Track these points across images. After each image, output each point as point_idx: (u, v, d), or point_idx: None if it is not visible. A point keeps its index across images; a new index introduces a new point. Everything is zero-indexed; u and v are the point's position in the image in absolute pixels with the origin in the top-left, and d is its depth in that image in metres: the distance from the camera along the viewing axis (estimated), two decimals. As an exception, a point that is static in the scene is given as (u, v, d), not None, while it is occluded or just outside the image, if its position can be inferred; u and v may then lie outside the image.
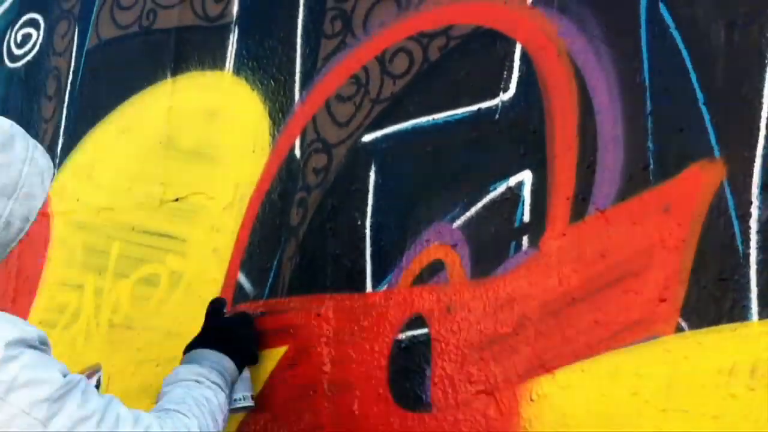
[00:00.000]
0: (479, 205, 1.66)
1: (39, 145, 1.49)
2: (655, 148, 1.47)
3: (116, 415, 1.41)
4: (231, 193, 2.06)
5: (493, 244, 1.62)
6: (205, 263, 2.05)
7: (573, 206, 1.54)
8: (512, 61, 1.67)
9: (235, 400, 1.78)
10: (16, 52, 2.72)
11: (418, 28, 1.81)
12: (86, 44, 2.50)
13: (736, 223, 1.36)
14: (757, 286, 1.33)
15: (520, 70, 1.66)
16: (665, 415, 1.38)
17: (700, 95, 1.43)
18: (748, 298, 1.33)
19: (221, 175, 2.08)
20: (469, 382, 1.59)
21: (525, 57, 1.65)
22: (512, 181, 1.62)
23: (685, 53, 1.46)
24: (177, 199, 2.17)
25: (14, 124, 1.47)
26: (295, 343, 1.86)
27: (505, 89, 1.67)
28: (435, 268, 1.69)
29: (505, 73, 1.67)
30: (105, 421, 1.38)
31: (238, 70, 2.12)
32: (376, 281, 1.77)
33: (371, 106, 1.85)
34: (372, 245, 1.79)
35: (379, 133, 1.84)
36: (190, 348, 1.77)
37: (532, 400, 1.52)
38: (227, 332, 1.81)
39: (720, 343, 1.35)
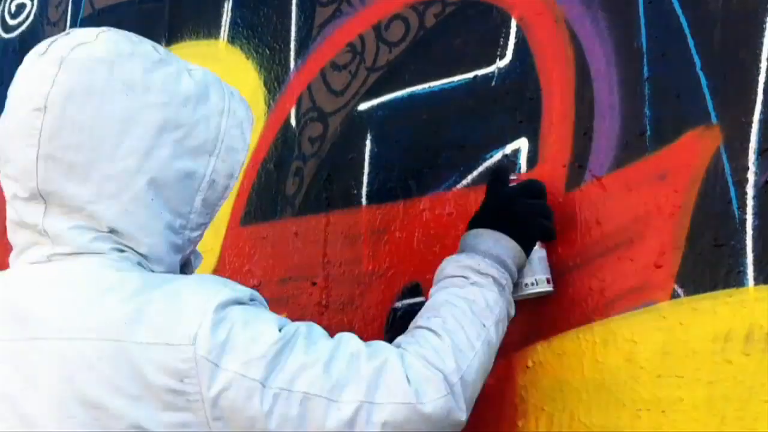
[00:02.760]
0: (475, 173, 1.65)
1: (236, 92, 1.37)
2: (652, 115, 1.46)
3: (347, 354, 1.22)
4: (227, 163, 2.06)
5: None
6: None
7: (569, 174, 1.54)
8: (509, 28, 1.66)
9: (526, 285, 1.47)
10: (10, 22, 2.70)
11: (414, -4, 1.80)
12: (80, 14, 2.48)
13: (732, 189, 1.36)
14: (753, 252, 1.33)
15: (516, 38, 1.65)
16: (660, 381, 1.38)
17: (697, 61, 1.42)
18: (744, 264, 1.33)
19: (217, 144, 2.08)
20: (465, 350, 1.59)
21: (522, 24, 1.64)
22: (509, 148, 1.62)
23: (682, 18, 1.45)
24: (172, 170, 2.16)
25: (208, 71, 1.34)
26: (291, 313, 1.86)
27: (502, 56, 1.66)
28: (431, 237, 1.69)
29: (502, 40, 1.66)
30: (335, 363, 1.21)
31: (232, 39, 2.11)
32: (372, 250, 1.77)
33: (367, 75, 1.84)
34: (368, 214, 1.79)
35: (375, 102, 1.83)
36: (470, 227, 1.48)
37: (527, 367, 1.53)
38: (508, 205, 1.47)
39: (715, 309, 1.35)
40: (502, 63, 1.65)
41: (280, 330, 1.21)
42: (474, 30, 1.69)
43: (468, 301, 1.36)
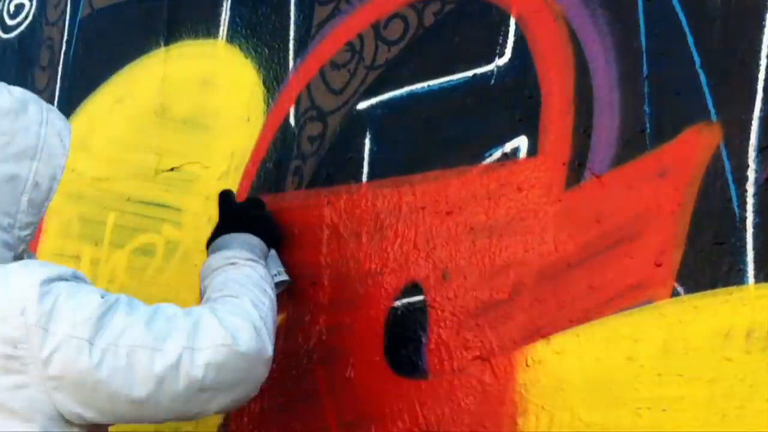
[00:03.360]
0: (475, 171, 1.65)
1: (53, 108, 1.53)
2: (651, 112, 1.46)
3: (165, 315, 1.42)
4: (226, 162, 2.06)
5: (488, 211, 1.61)
6: (200, 232, 2.04)
7: (569, 171, 1.53)
8: (508, 26, 1.65)
9: (274, 276, 1.75)
10: (9, 22, 2.70)
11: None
12: (79, 14, 2.48)
13: (732, 186, 1.35)
14: (754, 249, 1.32)
15: (515, 36, 1.64)
16: (661, 380, 1.38)
17: (697, 58, 1.42)
18: (744, 262, 1.33)
19: (216, 144, 2.08)
20: (464, 349, 1.59)
21: (521, 22, 1.64)
22: (508, 147, 1.61)
23: (681, 16, 1.44)
24: (172, 169, 2.16)
25: (25, 90, 1.51)
26: (291, 312, 1.86)
27: (501, 55, 1.65)
28: (431, 235, 1.68)
29: (501, 38, 1.66)
30: (154, 322, 1.40)
31: (231, 38, 2.10)
32: (372, 249, 1.76)
33: (366, 73, 1.84)
34: (367, 213, 1.79)
35: (374, 100, 1.82)
36: (212, 240, 1.75)
37: (527, 365, 1.52)
38: (244, 214, 1.80)
39: (716, 306, 1.34)
40: (501, 61, 1.65)
41: (102, 297, 1.39)
42: (473, 28, 1.69)
43: (246, 276, 1.61)
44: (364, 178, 1.80)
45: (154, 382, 1.37)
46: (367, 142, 1.81)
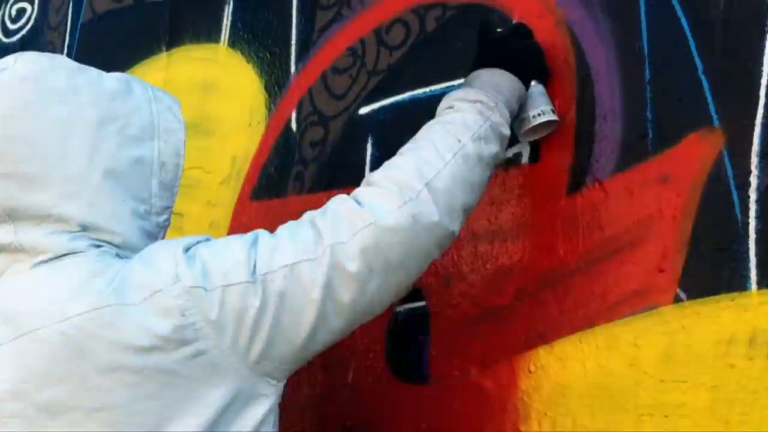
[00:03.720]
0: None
1: (154, 86, 1.47)
2: (653, 118, 1.46)
3: (305, 222, 1.32)
4: (228, 167, 2.06)
5: (490, 216, 1.61)
6: (202, 238, 2.04)
7: (571, 177, 1.53)
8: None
9: (534, 117, 1.51)
10: (11, 27, 2.70)
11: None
12: (81, 18, 2.48)
13: (735, 192, 1.35)
14: (756, 255, 1.32)
15: (517, 41, 1.64)
16: (664, 386, 1.37)
17: (699, 64, 1.42)
18: (746, 268, 1.32)
19: (218, 148, 2.08)
20: (466, 355, 1.59)
21: (523, 27, 1.63)
22: (510, 152, 1.61)
23: (684, 21, 1.44)
24: (173, 174, 2.15)
25: (123, 73, 1.46)
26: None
27: (503, 60, 1.65)
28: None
29: (503, 43, 1.65)
30: (299, 234, 1.30)
31: (233, 43, 2.11)
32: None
33: (367, 78, 1.84)
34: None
35: (375, 105, 1.82)
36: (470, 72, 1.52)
37: (530, 372, 1.52)
38: (503, 45, 1.52)
39: (718, 313, 1.34)
40: (503, 66, 1.64)
41: (241, 239, 1.31)
42: (475, 33, 1.69)
43: (443, 123, 1.41)
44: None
45: (323, 292, 1.27)
46: (369, 147, 1.81)
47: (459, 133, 1.38)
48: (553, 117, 1.52)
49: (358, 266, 1.28)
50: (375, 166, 1.78)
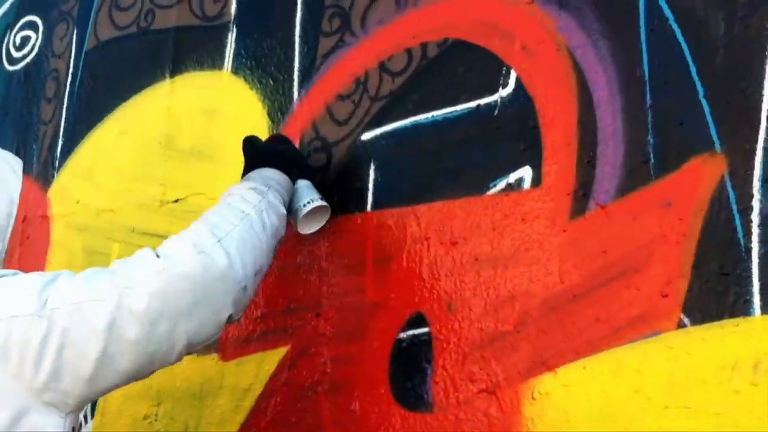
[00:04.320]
0: (480, 202, 1.64)
1: None
2: (655, 142, 1.46)
3: (106, 270, 1.41)
4: (231, 193, 2.05)
5: (493, 241, 1.60)
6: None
7: (573, 202, 1.53)
8: (511, 57, 1.65)
9: (304, 206, 1.70)
10: (15, 54, 2.72)
11: (417, 26, 1.80)
12: (85, 46, 2.50)
13: (737, 217, 1.35)
14: (760, 280, 1.32)
15: (519, 66, 1.64)
16: (667, 412, 1.36)
17: (700, 88, 1.42)
18: (750, 293, 1.32)
19: (221, 175, 2.08)
20: (470, 381, 1.58)
21: (524, 52, 1.64)
22: (512, 177, 1.61)
23: (684, 46, 1.44)
24: (177, 200, 2.16)
25: None
26: (295, 343, 1.85)
27: (504, 85, 1.65)
28: (435, 266, 1.67)
29: (504, 69, 1.66)
30: (94, 278, 1.39)
31: (236, 70, 2.11)
32: (377, 280, 1.75)
33: (370, 104, 1.85)
34: (372, 244, 1.78)
35: (378, 131, 1.83)
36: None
37: (533, 398, 1.51)
38: (266, 152, 1.75)
39: (722, 338, 1.33)
40: (504, 92, 1.65)
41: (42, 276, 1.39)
42: (476, 59, 1.69)
43: (225, 203, 1.57)
44: (369, 208, 1.80)
45: (106, 331, 1.34)
46: (372, 172, 1.81)
47: (242, 207, 1.55)
48: (322, 203, 1.71)
49: (146, 308, 1.36)
50: (378, 191, 1.79)
